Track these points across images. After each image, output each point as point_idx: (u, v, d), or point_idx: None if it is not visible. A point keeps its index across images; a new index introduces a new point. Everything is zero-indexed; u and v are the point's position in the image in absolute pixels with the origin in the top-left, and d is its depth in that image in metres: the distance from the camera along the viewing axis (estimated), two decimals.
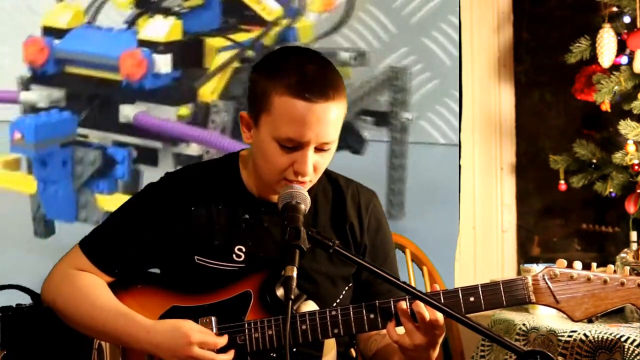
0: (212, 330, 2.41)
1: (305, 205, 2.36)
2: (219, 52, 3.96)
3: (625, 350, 2.93)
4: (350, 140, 4.10)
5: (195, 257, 2.50)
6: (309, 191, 2.43)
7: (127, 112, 3.94)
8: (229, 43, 3.96)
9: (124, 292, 2.53)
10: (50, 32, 3.92)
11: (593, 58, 3.79)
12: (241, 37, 4.00)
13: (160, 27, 3.93)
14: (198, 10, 3.99)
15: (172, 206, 2.52)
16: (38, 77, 3.96)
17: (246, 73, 3.22)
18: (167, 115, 3.88)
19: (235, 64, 3.96)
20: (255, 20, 4.07)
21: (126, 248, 2.52)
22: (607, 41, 3.73)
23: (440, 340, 2.35)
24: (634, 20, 3.75)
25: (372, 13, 4.16)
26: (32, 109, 3.96)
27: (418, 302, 2.30)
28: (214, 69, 3.92)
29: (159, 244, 2.52)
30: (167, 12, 3.96)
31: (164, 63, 3.89)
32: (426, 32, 4.22)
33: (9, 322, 2.98)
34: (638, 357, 2.91)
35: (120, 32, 3.96)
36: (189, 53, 3.99)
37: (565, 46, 3.85)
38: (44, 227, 4.01)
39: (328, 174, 2.59)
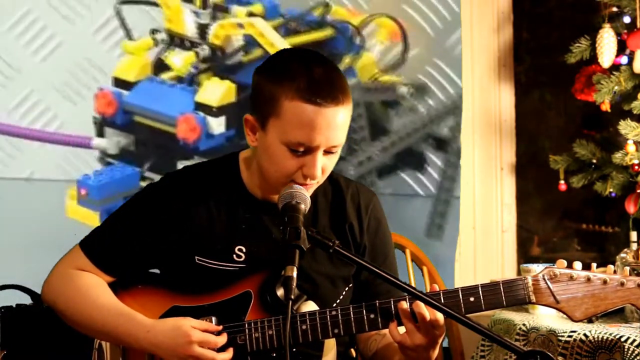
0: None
1: (305, 205, 2.36)
2: None
3: (625, 350, 2.93)
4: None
5: (196, 257, 2.50)
6: None
7: None
8: None
9: (125, 292, 2.53)
10: (120, 84, 4.19)
11: (593, 58, 3.79)
12: None
13: (215, 91, 4.19)
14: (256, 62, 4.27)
15: (172, 207, 2.51)
16: (108, 125, 4.20)
17: None
18: None
19: None
20: None
21: (126, 248, 2.52)
22: (607, 41, 3.73)
23: (441, 340, 2.35)
24: (634, 20, 3.75)
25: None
26: (103, 155, 4.21)
27: (418, 302, 2.30)
28: None
29: (160, 245, 2.52)
30: (227, 71, 4.22)
31: (217, 124, 4.16)
32: None
33: (9, 322, 2.99)
34: (638, 357, 2.91)
35: (181, 89, 4.22)
36: (242, 113, 4.20)
37: (565, 46, 3.85)
38: None
39: (329, 174, 2.59)
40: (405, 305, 2.34)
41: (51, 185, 4.16)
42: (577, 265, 2.36)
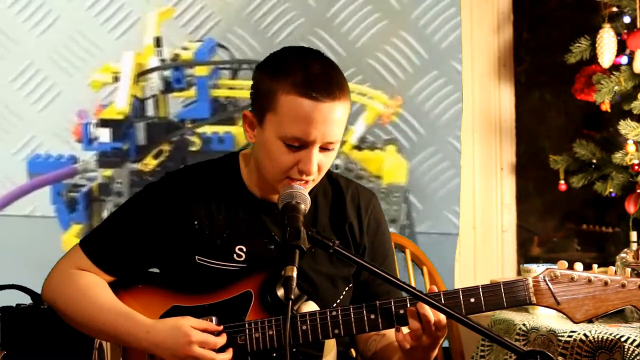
0: None
1: (305, 205, 2.36)
2: None
3: (625, 350, 2.93)
4: None
5: (196, 257, 2.50)
6: (309, 191, 2.43)
7: None
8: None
9: (125, 291, 2.53)
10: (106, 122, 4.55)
11: (593, 58, 3.79)
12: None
13: None
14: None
15: (172, 206, 2.51)
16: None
17: None
18: None
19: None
20: None
21: (127, 248, 2.52)
22: (607, 41, 3.72)
23: (442, 340, 2.36)
24: (634, 20, 3.75)
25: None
26: None
27: (422, 303, 2.30)
28: None
29: (160, 244, 2.52)
30: None
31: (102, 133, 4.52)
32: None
33: (9, 322, 2.99)
34: (638, 357, 2.92)
35: None
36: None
37: (565, 46, 3.84)
38: None
39: (328, 174, 2.59)
40: (413, 307, 2.34)
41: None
42: (578, 266, 2.36)
